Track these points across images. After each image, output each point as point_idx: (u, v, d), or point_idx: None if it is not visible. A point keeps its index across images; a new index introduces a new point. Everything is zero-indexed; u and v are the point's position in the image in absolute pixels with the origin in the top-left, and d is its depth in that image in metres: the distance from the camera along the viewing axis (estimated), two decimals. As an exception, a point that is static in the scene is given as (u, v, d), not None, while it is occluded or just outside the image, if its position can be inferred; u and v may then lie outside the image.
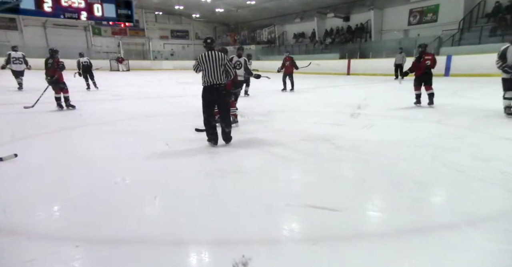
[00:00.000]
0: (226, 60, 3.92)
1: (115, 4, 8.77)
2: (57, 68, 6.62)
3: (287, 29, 26.84)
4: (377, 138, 4.45)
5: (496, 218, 2.22)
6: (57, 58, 6.71)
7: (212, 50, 3.89)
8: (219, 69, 3.85)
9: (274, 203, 2.48)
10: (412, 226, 2.13)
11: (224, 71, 3.91)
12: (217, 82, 3.87)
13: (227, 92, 4.06)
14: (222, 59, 3.87)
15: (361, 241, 1.95)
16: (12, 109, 6.89)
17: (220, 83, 3.89)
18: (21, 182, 2.96)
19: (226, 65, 3.91)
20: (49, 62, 6.64)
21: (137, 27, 28.97)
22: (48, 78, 6.58)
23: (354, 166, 3.43)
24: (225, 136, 4.10)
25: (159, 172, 3.20)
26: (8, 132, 4.78)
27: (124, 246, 1.93)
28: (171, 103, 8.16)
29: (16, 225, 2.15)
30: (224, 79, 3.93)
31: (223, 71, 3.90)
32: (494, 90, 5.30)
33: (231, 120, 4.24)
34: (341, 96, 9.90)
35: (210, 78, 3.84)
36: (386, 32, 19.69)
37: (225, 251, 1.88)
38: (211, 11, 27.03)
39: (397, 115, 5.91)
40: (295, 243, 1.98)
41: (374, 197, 2.68)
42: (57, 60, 6.70)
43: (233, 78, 4.27)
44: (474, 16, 15.35)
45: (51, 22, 24.89)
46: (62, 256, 1.82)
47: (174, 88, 12.50)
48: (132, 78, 17.48)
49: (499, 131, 4.63)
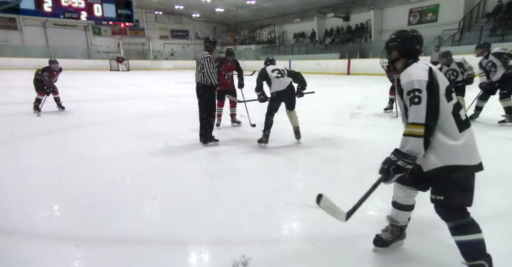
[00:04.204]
0: (204, 59, 3.92)
1: (115, 4, 8.73)
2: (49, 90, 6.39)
3: (287, 29, 26.81)
4: (377, 137, 4.45)
5: (496, 218, 2.22)
6: (54, 72, 6.42)
7: (205, 50, 4.04)
8: (197, 68, 4.02)
9: (274, 203, 2.48)
10: (412, 226, 2.13)
11: (201, 70, 3.95)
12: (196, 80, 4.04)
13: (204, 91, 4.00)
14: (200, 58, 3.97)
15: (361, 241, 1.95)
16: (12, 109, 6.89)
17: (198, 82, 4.01)
18: (21, 182, 2.96)
19: (203, 64, 3.93)
20: (45, 74, 6.29)
21: (137, 27, 28.93)
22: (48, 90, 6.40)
23: (354, 166, 3.43)
24: (200, 135, 4.12)
25: (159, 172, 3.20)
26: (8, 132, 4.77)
27: (124, 246, 1.93)
28: (170, 103, 8.16)
29: (16, 225, 2.15)
30: (201, 79, 3.95)
31: (199, 70, 3.97)
32: (494, 90, 5.30)
33: (209, 121, 4.07)
34: (341, 96, 9.90)
35: (195, 76, 4.07)
36: (386, 32, 19.65)
37: (225, 251, 1.88)
38: (211, 11, 27.01)
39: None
40: (295, 243, 1.98)
41: (374, 197, 2.67)
42: (55, 75, 6.44)
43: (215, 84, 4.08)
44: (474, 16, 15.33)
45: (51, 22, 24.85)
46: (62, 256, 1.82)
47: (174, 88, 12.50)
48: (132, 78, 17.47)
49: (499, 131, 4.63)
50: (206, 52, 3.99)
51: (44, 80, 6.30)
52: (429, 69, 1.46)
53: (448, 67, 5.09)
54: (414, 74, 1.45)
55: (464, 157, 1.44)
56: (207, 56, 3.93)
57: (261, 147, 3.97)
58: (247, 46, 29.03)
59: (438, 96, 1.42)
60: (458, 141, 1.43)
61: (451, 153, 1.43)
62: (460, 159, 1.43)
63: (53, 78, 6.47)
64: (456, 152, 1.43)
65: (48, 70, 6.36)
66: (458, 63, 5.06)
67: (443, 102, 1.43)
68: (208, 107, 4.03)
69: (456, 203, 1.50)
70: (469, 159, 1.45)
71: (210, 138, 4.09)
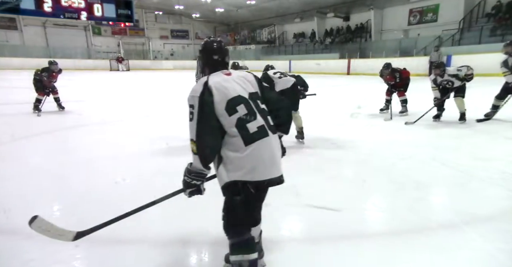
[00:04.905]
0: None
1: (115, 4, 8.70)
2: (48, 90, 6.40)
3: (287, 29, 26.81)
4: (377, 137, 4.45)
5: (496, 218, 2.22)
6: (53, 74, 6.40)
7: None
8: (197, 68, 4.11)
9: (274, 203, 2.48)
10: (412, 226, 2.13)
11: None
12: (197, 80, 4.03)
13: None
14: None
15: (361, 240, 1.95)
16: (12, 110, 6.89)
17: None
18: (21, 182, 2.95)
19: None
20: (44, 74, 6.27)
21: (137, 27, 28.93)
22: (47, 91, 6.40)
23: (354, 166, 3.44)
24: None
25: (159, 172, 3.20)
26: (8, 132, 4.77)
27: (124, 246, 1.93)
28: (170, 102, 8.15)
29: (16, 225, 2.15)
30: None
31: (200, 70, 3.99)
32: (494, 90, 5.29)
33: None
34: (341, 96, 9.90)
35: (195, 76, 4.15)
36: (386, 32, 19.67)
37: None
38: (211, 11, 27.00)
39: (397, 115, 5.91)
40: (295, 243, 1.98)
41: (374, 197, 2.68)
42: (54, 76, 6.43)
43: None
44: (474, 16, 15.32)
45: (51, 22, 24.85)
46: (62, 256, 1.82)
47: (174, 88, 12.50)
48: (132, 78, 17.48)
49: (499, 131, 4.63)
50: None
51: (44, 81, 6.30)
52: (204, 83, 1.38)
53: (442, 78, 5.06)
54: (193, 89, 1.39)
55: (247, 172, 1.34)
56: None
57: None
58: (247, 46, 29.01)
59: (212, 111, 1.34)
60: (242, 155, 1.34)
61: (236, 167, 1.35)
62: (242, 174, 1.35)
63: (53, 79, 6.45)
64: (240, 166, 1.35)
65: (47, 71, 6.35)
66: (453, 75, 4.98)
67: (222, 116, 1.35)
68: None
69: (230, 221, 1.46)
70: (253, 174, 1.35)
71: None
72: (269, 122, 1.44)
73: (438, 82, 5.10)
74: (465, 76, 4.92)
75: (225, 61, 1.53)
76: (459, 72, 4.92)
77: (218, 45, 1.53)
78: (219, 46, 1.53)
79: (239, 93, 1.40)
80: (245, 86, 1.44)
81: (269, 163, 1.38)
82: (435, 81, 5.12)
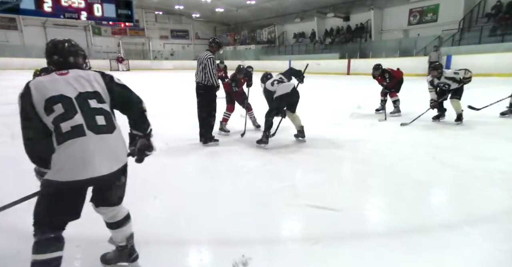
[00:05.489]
0: (207, 60, 3.91)
1: (115, 4, 8.72)
2: None
3: (287, 29, 26.81)
4: (377, 137, 4.45)
5: (496, 218, 2.22)
6: None
7: (208, 50, 4.04)
8: (198, 68, 4.00)
9: (273, 203, 2.48)
10: (412, 226, 2.13)
11: (202, 69, 3.92)
12: (197, 80, 4.03)
13: (204, 91, 3.99)
14: (203, 58, 3.95)
15: (361, 240, 1.95)
16: (12, 110, 6.88)
17: (198, 81, 4.00)
18: (21, 182, 2.95)
19: (205, 64, 3.90)
20: (43, 75, 6.43)
21: (137, 27, 28.92)
22: None
23: (354, 166, 3.44)
24: (200, 135, 4.12)
25: (158, 172, 3.19)
26: (8, 132, 4.77)
27: (124, 246, 1.92)
28: (170, 102, 8.16)
29: (16, 225, 2.15)
30: (202, 79, 3.93)
31: (201, 70, 3.94)
32: (494, 90, 5.29)
33: (209, 121, 4.08)
34: (341, 96, 9.90)
35: (195, 76, 4.05)
36: (386, 32, 19.67)
37: (225, 251, 1.88)
38: (211, 11, 27.00)
39: (389, 116, 5.91)
40: (295, 243, 1.98)
41: (374, 197, 2.68)
42: None
43: None
44: (474, 16, 15.32)
45: (51, 22, 24.86)
46: (62, 256, 1.81)
47: (174, 88, 12.50)
48: (132, 78, 17.47)
49: (499, 131, 4.63)
50: (208, 53, 3.97)
51: None
52: (26, 84, 1.41)
53: (438, 80, 5.05)
54: None
55: (56, 172, 1.34)
56: (210, 56, 3.93)
57: (261, 147, 3.97)
58: (247, 46, 29.03)
59: (32, 111, 1.35)
60: (55, 154, 1.34)
61: (52, 167, 1.36)
62: (52, 174, 1.35)
63: None
64: (52, 166, 1.35)
65: (46, 71, 6.34)
66: (450, 78, 4.96)
67: (43, 116, 1.36)
68: (209, 107, 4.02)
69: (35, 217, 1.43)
70: (60, 175, 1.33)
71: (210, 137, 4.09)
72: (95, 122, 1.40)
73: (435, 84, 5.09)
74: (463, 79, 4.92)
75: (68, 61, 1.53)
76: (456, 76, 4.91)
77: (60, 46, 1.55)
78: (61, 47, 1.54)
79: (61, 92, 1.39)
80: (77, 85, 1.43)
81: (80, 163, 1.34)
82: (432, 83, 5.12)
